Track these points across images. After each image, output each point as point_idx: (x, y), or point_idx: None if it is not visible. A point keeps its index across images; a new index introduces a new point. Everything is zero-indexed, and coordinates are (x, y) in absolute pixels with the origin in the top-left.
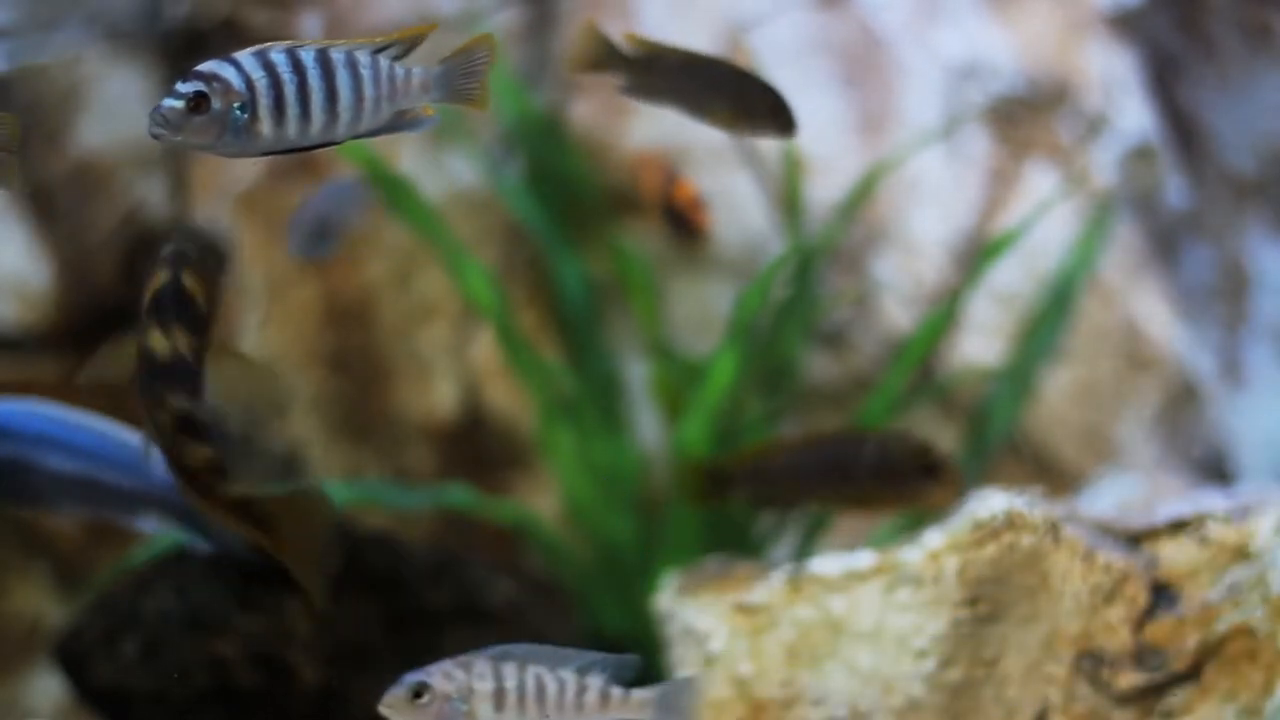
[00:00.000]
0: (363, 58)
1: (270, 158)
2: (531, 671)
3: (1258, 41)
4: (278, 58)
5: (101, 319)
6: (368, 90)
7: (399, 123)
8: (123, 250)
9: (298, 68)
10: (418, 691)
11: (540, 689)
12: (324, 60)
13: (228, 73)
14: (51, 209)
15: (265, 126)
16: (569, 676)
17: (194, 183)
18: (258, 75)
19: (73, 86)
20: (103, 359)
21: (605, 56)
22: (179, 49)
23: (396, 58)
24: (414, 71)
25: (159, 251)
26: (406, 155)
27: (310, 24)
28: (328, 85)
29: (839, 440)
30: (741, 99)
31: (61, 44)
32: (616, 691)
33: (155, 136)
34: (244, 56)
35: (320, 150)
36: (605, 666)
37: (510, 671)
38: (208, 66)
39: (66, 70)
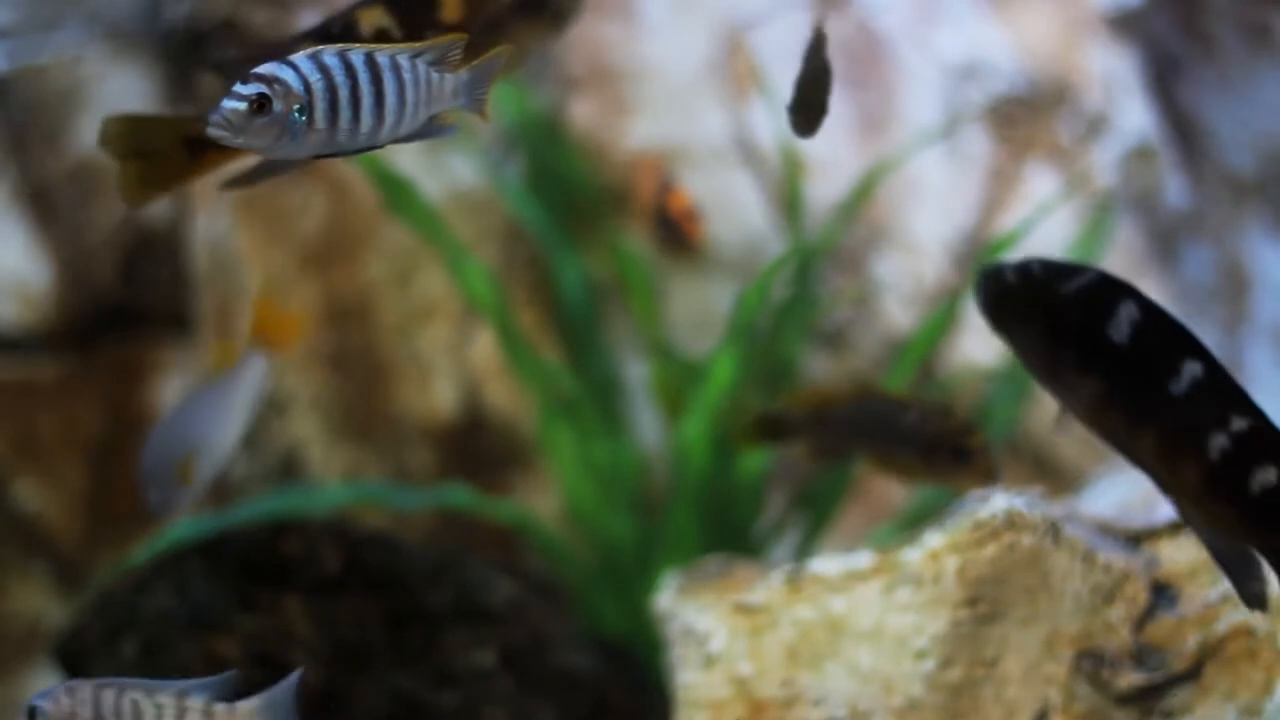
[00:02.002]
0: (404, 62)
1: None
2: (129, 698)
3: (1258, 41)
4: (331, 61)
5: (101, 319)
6: (409, 95)
7: (426, 129)
8: (123, 250)
9: (350, 71)
10: None
11: (137, 714)
12: (371, 64)
13: (287, 75)
14: (51, 209)
15: (320, 129)
16: (168, 700)
17: (194, 183)
18: (315, 78)
19: (73, 86)
20: None
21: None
22: (179, 49)
23: (431, 63)
24: (447, 78)
25: None
26: (406, 155)
27: (310, 24)
28: (376, 89)
29: (889, 403)
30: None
31: (61, 44)
32: (220, 708)
33: (215, 138)
34: (300, 59)
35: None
36: (205, 688)
37: (108, 697)
38: (268, 69)
39: (66, 70)
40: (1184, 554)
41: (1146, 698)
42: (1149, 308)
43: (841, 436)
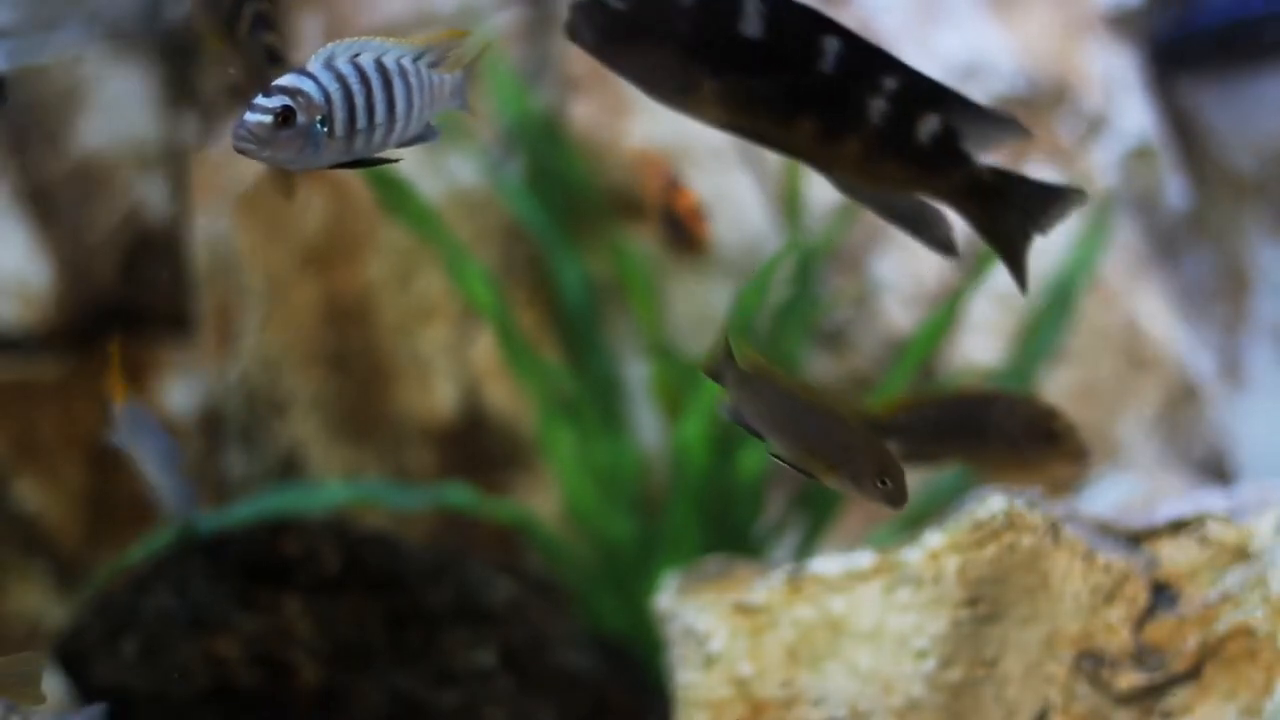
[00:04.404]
0: (409, 65)
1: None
2: None
3: (1257, 42)
4: (346, 69)
5: (101, 319)
6: (415, 99)
7: (422, 133)
8: (123, 250)
9: (364, 78)
10: None
11: None
12: (381, 70)
13: (308, 86)
14: (51, 209)
15: (339, 138)
16: None
17: (194, 183)
18: (333, 87)
19: (73, 86)
20: None
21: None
22: (179, 49)
23: (431, 65)
24: (445, 79)
25: None
26: (406, 155)
27: (310, 24)
28: (388, 95)
29: (975, 399)
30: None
31: (61, 44)
32: None
33: (242, 151)
34: (317, 69)
35: None
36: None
37: None
38: (288, 80)
39: (66, 70)
40: (1184, 554)
41: (1146, 698)
42: None
43: (931, 439)
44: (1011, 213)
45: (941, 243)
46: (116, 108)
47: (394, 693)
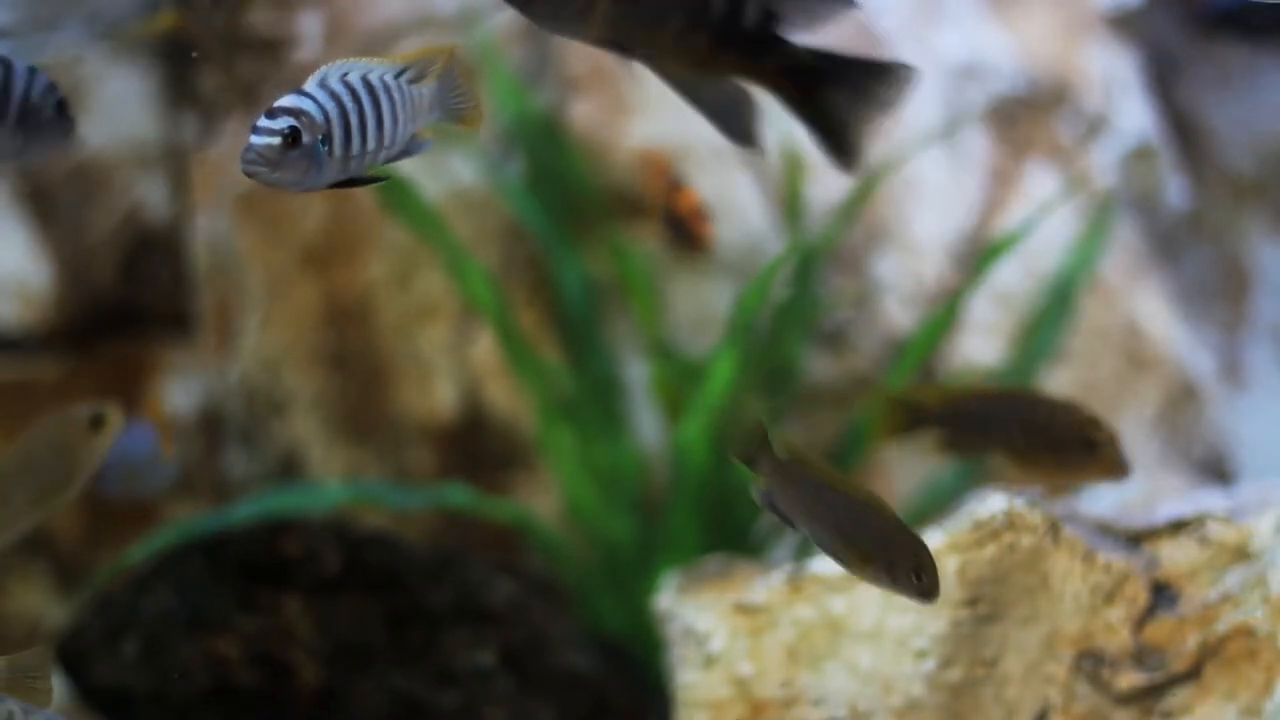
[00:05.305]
0: (392, 81)
1: None
2: None
3: (1257, 42)
4: (339, 87)
5: (101, 319)
6: (400, 114)
7: (410, 146)
8: (123, 250)
9: (355, 96)
10: None
11: None
12: (370, 87)
13: (309, 105)
14: (51, 209)
15: (337, 157)
16: None
17: (194, 183)
18: (330, 107)
19: (73, 86)
20: None
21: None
22: (179, 49)
23: (412, 80)
24: (423, 92)
25: None
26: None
27: (310, 24)
28: (377, 112)
29: (1021, 398)
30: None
31: (61, 44)
32: None
33: (251, 175)
34: (313, 88)
35: None
36: None
37: None
38: (290, 101)
39: (66, 70)
40: (1184, 554)
41: (1146, 698)
42: None
43: (975, 431)
44: (836, 94)
45: (746, 135)
46: (116, 108)
47: (394, 693)
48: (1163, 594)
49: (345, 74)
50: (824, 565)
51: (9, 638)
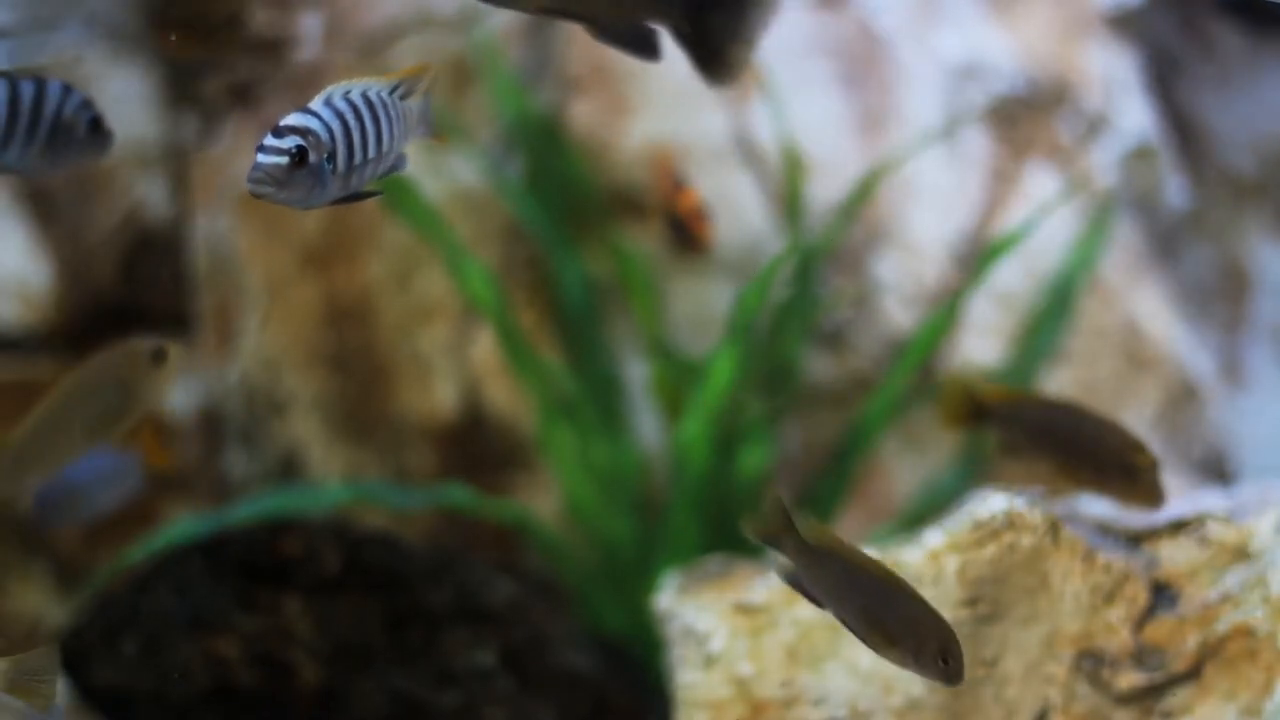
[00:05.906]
0: (385, 97)
1: None
2: None
3: (1258, 41)
4: (342, 105)
5: (101, 319)
6: (394, 129)
7: (396, 162)
8: (123, 250)
9: (356, 114)
10: None
11: None
12: (369, 104)
13: (314, 124)
14: (51, 209)
15: (340, 174)
16: None
17: (194, 183)
18: (335, 125)
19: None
20: None
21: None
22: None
23: (403, 96)
24: (411, 107)
25: None
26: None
27: (310, 24)
28: (376, 129)
29: (1073, 412)
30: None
31: (61, 44)
32: None
33: (258, 195)
34: (318, 106)
35: None
36: None
37: None
38: (296, 120)
39: (66, 70)
40: (1184, 554)
41: (1146, 698)
42: None
43: (1027, 435)
44: (711, 16)
45: (646, 49)
46: (116, 108)
47: (394, 693)
48: (1163, 594)
49: (347, 92)
50: None
51: (9, 638)
